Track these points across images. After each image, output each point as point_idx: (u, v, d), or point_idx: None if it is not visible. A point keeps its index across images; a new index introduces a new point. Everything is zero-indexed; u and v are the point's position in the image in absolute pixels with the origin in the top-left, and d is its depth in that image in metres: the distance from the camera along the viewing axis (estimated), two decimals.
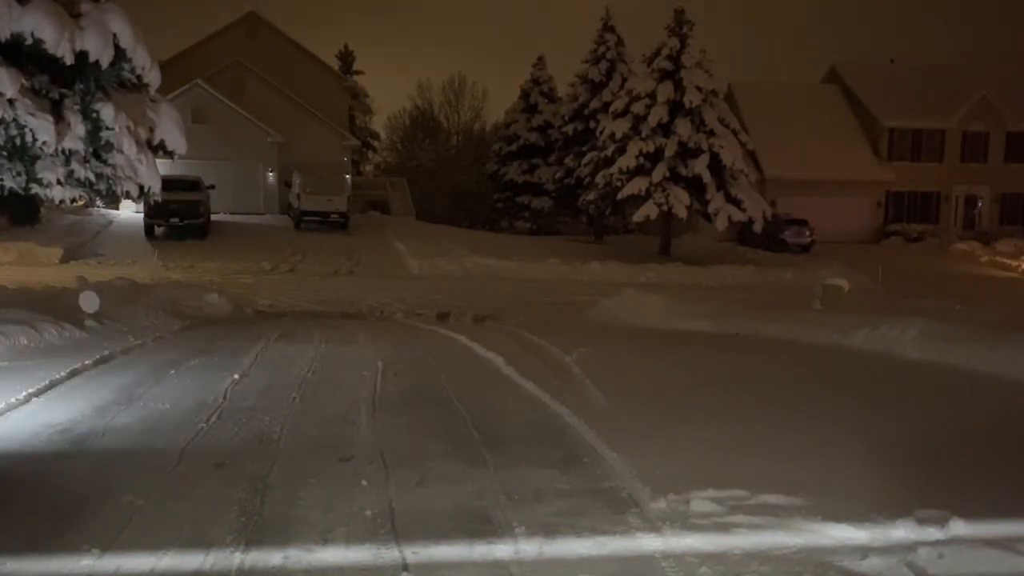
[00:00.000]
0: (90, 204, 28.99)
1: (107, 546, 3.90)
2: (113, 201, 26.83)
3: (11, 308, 9.68)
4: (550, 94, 43.70)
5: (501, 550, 3.95)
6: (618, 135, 29.75)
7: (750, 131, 33.56)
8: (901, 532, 4.07)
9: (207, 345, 10.06)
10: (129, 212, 31.98)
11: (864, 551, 3.88)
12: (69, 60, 18.94)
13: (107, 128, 20.92)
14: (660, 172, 28.39)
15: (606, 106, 34.31)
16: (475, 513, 4.40)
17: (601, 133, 31.50)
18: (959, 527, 4.04)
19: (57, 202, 23.03)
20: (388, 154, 62.15)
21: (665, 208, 28.43)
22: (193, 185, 29.15)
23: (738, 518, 4.22)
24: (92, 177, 21.16)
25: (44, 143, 19.90)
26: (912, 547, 3.90)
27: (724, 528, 4.12)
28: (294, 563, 3.78)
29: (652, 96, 29.13)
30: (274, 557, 3.82)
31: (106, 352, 8.77)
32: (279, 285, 19.76)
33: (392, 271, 24.10)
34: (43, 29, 18.86)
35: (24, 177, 20.66)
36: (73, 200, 23.64)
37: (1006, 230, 39.20)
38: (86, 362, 8.14)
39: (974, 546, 3.89)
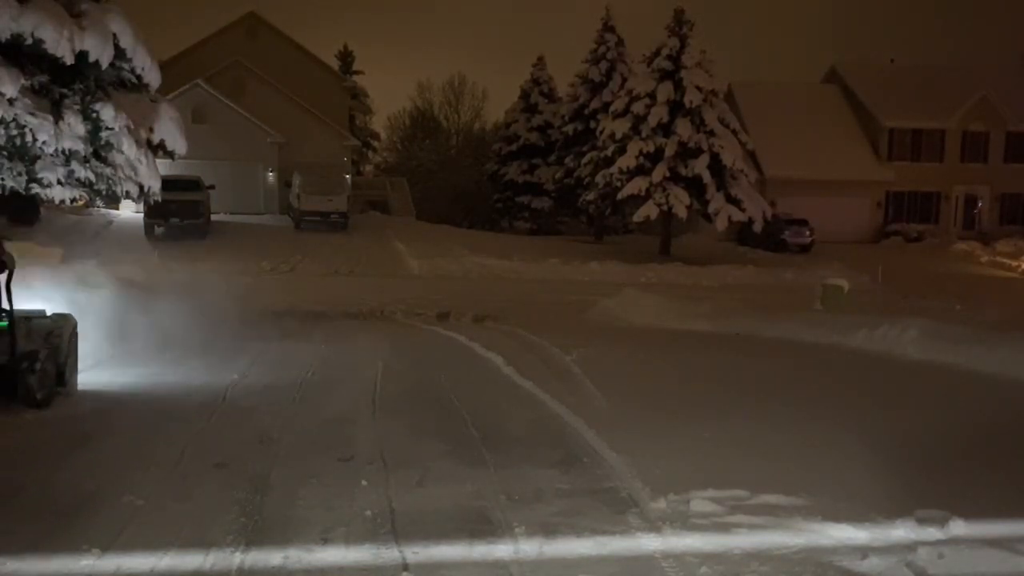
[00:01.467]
0: (90, 204, 28.98)
1: (107, 546, 3.91)
2: (113, 201, 26.84)
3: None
4: (550, 94, 43.70)
5: (501, 550, 3.94)
6: (618, 135, 29.75)
7: (750, 131, 33.56)
8: (901, 532, 4.07)
9: (207, 345, 10.05)
10: (129, 212, 31.97)
11: (864, 551, 3.88)
12: (69, 60, 18.96)
13: (107, 128, 20.95)
14: (660, 172, 28.39)
15: (606, 106, 34.32)
16: (475, 513, 4.40)
17: (601, 133, 31.51)
18: (959, 527, 4.04)
19: (57, 202, 23.04)
20: (388, 154, 62.17)
21: (665, 208, 28.44)
22: (193, 185, 29.16)
23: (738, 518, 4.22)
24: (92, 177, 21.20)
25: (44, 143, 19.91)
26: (912, 547, 3.89)
27: (724, 528, 4.12)
28: (294, 563, 3.78)
29: (652, 96, 29.13)
30: (274, 557, 3.82)
31: (107, 352, 8.75)
32: (279, 285, 19.76)
33: (392, 271, 24.11)
34: (43, 29, 18.86)
35: (24, 177, 20.66)
36: (73, 200, 23.65)
37: (1006, 230, 39.20)
38: (88, 362, 8.14)
39: (974, 546, 3.89)
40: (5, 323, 6.10)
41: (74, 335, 6.91)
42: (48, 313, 6.85)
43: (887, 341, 9.55)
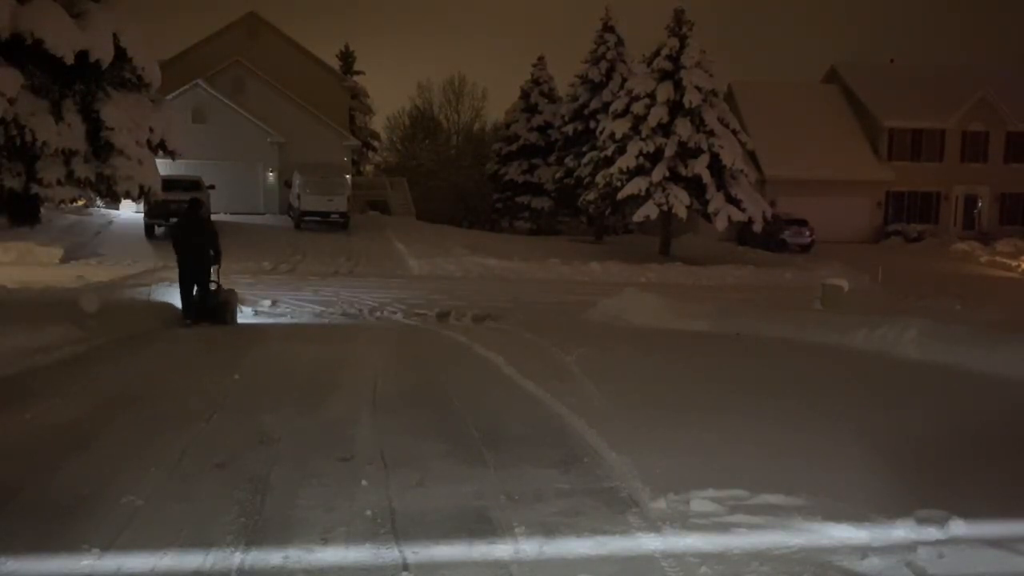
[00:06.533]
0: (90, 204, 28.95)
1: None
2: (113, 201, 26.86)
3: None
4: (550, 94, 43.68)
5: (501, 550, 3.94)
6: (618, 135, 29.75)
7: (750, 131, 33.56)
8: (901, 532, 4.07)
9: (207, 345, 10.07)
10: (129, 212, 31.97)
11: (864, 551, 3.88)
12: (69, 60, 18.99)
13: (107, 128, 20.96)
14: (660, 172, 28.39)
15: (606, 106, 34.31)
16: (475, 513, 4.40)
17: (601, 133, 31.50)
18: (959, 527, 4.04)
19: (57, 202, 23.02)
20: (388, 154, 62.18)
21: (665, 208, 28.44)
22: (193, 185, 29.15)
23: (738, 518, 4.21)
24: (92, 177, 21.20)
25: (44, 143, 19.91)
26: (912, 547, 3.89)
27: (724, 528, 4.12)
28: (294, 563, 3.78)
29: (652, 96, 29.14)
30: (274, 557, 3.82)
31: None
32: (279, 285, 19.76)
33: (392, 271, 24.10)
34: (43, 29, 18.86)
35: (24, 177, 20.65)
36: (73, 200, 23.61)
37: (1006, 230, 39.23)
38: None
39: (974, 546, 3.89)
40: (214, 286, 12.59)
41: (236, 297, 13.64)
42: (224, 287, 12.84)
43: (887, 341, 9.54)
